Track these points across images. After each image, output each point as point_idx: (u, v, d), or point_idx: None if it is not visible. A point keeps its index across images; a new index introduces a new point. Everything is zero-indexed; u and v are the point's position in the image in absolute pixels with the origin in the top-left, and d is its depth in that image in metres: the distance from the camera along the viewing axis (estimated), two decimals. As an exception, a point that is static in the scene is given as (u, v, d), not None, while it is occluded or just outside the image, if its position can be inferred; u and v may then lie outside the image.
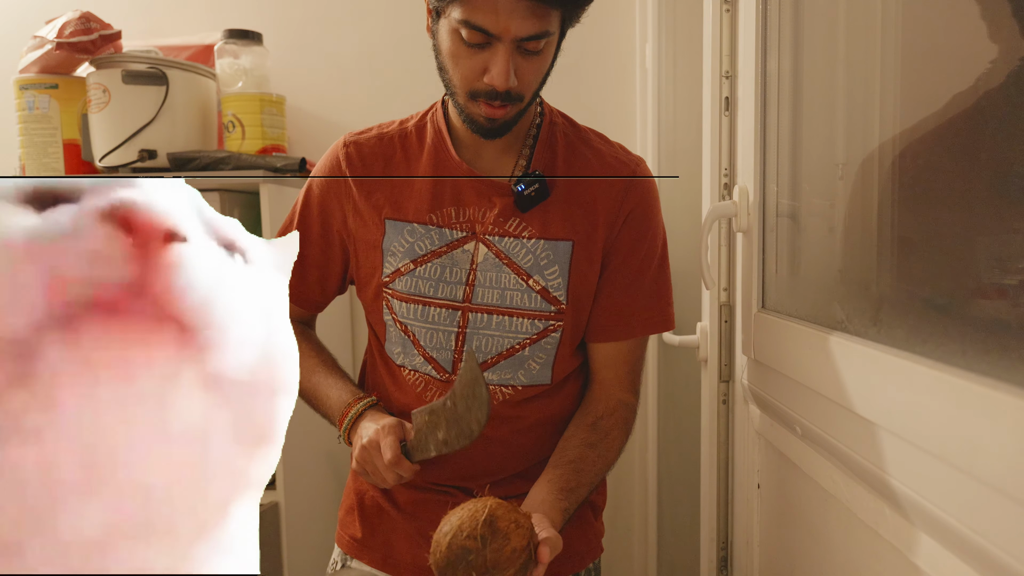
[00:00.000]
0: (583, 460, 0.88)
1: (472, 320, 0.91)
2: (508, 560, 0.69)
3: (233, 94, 1.57)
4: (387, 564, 0.98)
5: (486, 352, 0.91)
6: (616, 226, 0.93)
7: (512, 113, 0.85)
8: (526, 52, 0.80)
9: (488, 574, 0.69)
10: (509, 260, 0.90)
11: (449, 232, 0.91)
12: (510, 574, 0.70)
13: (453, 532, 0.70)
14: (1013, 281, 0.52)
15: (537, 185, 0.88)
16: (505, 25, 0.77)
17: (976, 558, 0.50)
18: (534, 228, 0.90)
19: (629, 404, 0.96)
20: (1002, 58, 0.55)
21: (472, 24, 0.77)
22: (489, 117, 0.84)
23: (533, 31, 0.78)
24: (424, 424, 0.83)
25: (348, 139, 0.97)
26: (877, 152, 0.74)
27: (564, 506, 0.82)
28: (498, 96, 0.81)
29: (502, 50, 0.78)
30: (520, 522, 0.71)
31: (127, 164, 1.46)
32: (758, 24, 0.93)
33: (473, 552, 0.69)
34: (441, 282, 0.91)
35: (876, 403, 0.62)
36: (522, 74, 0.81)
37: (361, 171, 0.94)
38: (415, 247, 0.91)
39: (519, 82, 0.81)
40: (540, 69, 0.84)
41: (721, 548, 1.15)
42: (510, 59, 0.79)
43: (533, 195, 0.89)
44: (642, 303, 0.95)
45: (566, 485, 0.85)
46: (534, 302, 0.90)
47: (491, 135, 0.87)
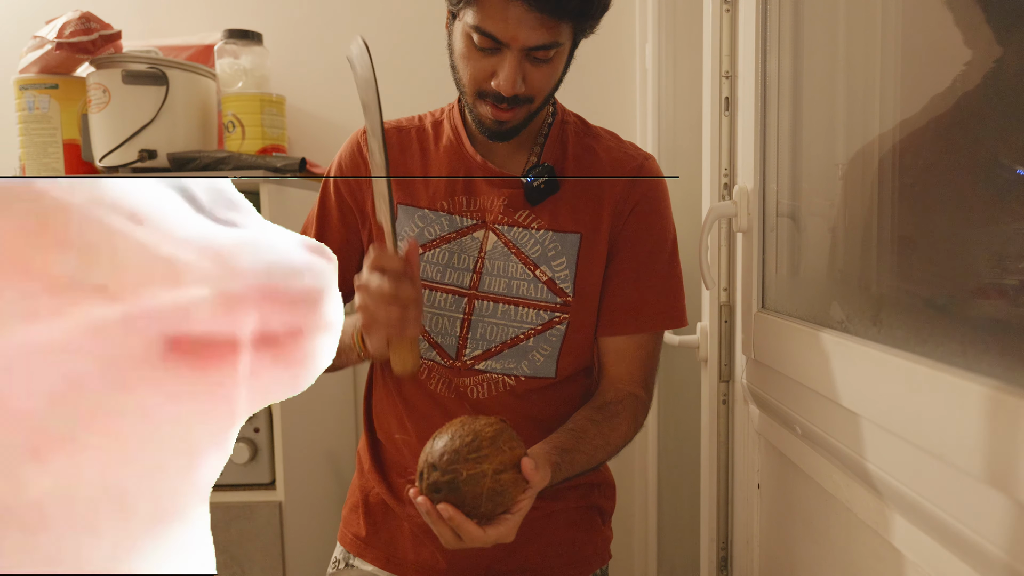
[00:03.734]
0: (584, 431, 0.87)
1: (478, 308, 0.91)
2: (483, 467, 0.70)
3: (233, 94, 1.57)
4: (391, 563, 0.98)
5: (491, 340, 0.91)
6: (623, 217, 0.93)
7: (521, 116, 0.86)
8: (535, 60, 0.81)
9: (462, 466, 0.70)
10: (517, 250, 0.91)
11: (459, 219, 0.92)
12: (483, 492, 0.70)
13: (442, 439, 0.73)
14: (1013, 281, 0.52)
15: (546, 177, 0.90)
16: (514, 34, 0.78)
17: (976, 558, 0.50)
18: (543, 220, 0.91)
19: (639, 397, 0.95)
20: (1004, 56, 0.55)
21: (483, 30, 0.79)
22: (496, 119, 0.85)
23: (541, 41, 0.79)
24: (376, 195, 0.84)
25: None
26: (877, 152, 0.74)
27: (555, 460, 0.81)
28: (504, 100, 0.83)
29: (510, 57, 0.80)
30: (514, 453, 0.73)
31: (127, 164, 1.47)
32: (758, 24, 0.93)
33: (448, 454, 0.71)
34: (448, 268, 0.91)
35: (876, 403, 0.62)
36: (531, 81, 0.83)
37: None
38: (425, 232, 0.92)
39: (528, 87, 0.83)
40: (550, 76, 0.84)
41: (721, 548, 1.15)
42: (518, 66, 0.80)
43: (542, 187, 0.90)
44: (651, 296, 0.94)
45: (562, 445, 0.84)
46: (540, 292, 0.91)
47: (498, 137, 0.88)
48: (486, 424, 0.74)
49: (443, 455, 0.71)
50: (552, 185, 0.90)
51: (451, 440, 0.72)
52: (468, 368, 0.92)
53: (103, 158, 1.48)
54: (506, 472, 0.71)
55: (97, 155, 1.50)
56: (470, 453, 0.70)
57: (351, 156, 0.98)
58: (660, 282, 0.95)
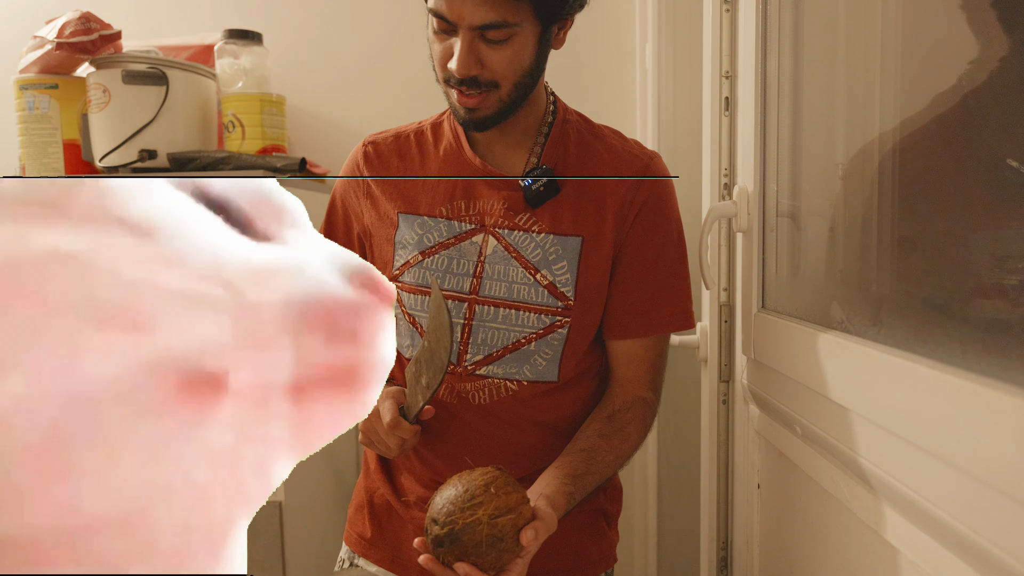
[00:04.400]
0: (595, 450, 0.87)
1: (479, 312, 0.90)
2: (483, 526, 0.71)
3: (233, 94, 1.57)
4: (395, 564, 0.98)
5: (492, 345, 0.91)
6: (628, 220, 0.92)
7: (491, 104, 0.85)
8: (490, 41, 0.82)
9: (463, 534, 0.72)
10: (517, 254, 0.90)
11: (458, 224, 0.92)
12: (483, 540, 0.71)
13: (449, 493, 0.75)
14: (1013, 281, 0.52)
15: (545, 180, 0.89)
16: (459, 12, 0.79)
17: (976, 558, 0.50)
18: (544, 223, 0.90)
19: (648, 401, 0.94)
20: (1005, 57, 0.55)
21: (435, 12, 0.81)
22: (464, 106, 0.86)
23: (488, 19, 0.79)
24: (411, 376, 0.85)
25: (368, 139, 1.00)
26: (877, 152, 0.74)
27: (569, 491, 0.81)
28: (463, 83, 0.83)
29: (461, 36, 0.81)
30: (509, 498, 0.74)
31: (127, 164, 1.47)
32: (758, 24, 0.93)
33: (456, 511, 0.73)
34: (448, 273, 0.91)
35: (876, 403, 0.62)
36: (489, 63, 0.83)
37: (378, 168, 0.97)
38: (424, 239, 0.92)
39: (488, 71, 0.83)
40: (511, 60, 0.83)
41: (721, 548, 1.15)
42: (469, 46, 0.81)
43: (542, 190, 0.89)
44: (660, 299, 0.94)
45: (574, 471, 0.84)
46: (541, 296, 0.90)
47: (472, 126, 0.88)
48: (480, 474, 0.76)
49: (442, 508, 0.74)
50: (552, 187, 0.89)
51: (448, 494, 0.75)
52: (469, 374, 0.91)
53: (103, 158, 1.48)
54: (502, 516, 0.72)
55: (97, 155, 1.50)
56: (465, 504, 0.73)
57: (348, 175, 1.01)
58: (668, 284, 0.94)
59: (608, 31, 1.78)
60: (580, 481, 0.83)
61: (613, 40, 1.78)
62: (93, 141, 1.51)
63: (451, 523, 0.72)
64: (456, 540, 0.72)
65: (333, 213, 1.02)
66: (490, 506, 0.72)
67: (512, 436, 0.93)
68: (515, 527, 0.72)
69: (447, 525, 0.72)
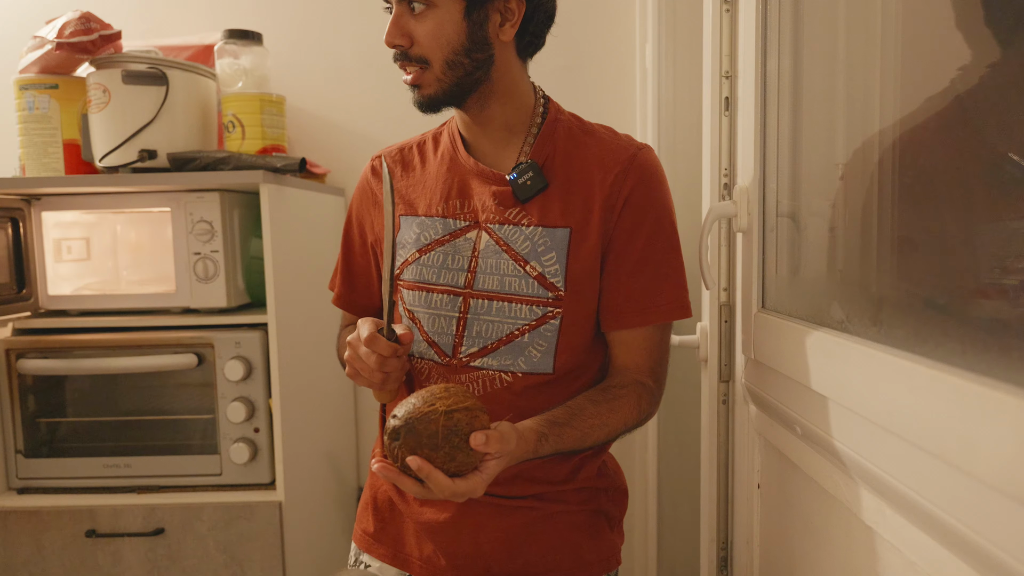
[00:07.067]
0: (581, 409, 0.88)
1: (473, 306, 0.92)
2: (433, 420, 0.73)
3: (233, 94, 1.58)
4: (397, 559, 0.99)
5: (487, 338, 0.92)
6: (615, 209, 0.92)
7: (430, 82, 0.89)
8: (412, 12, 0.87)
9: (420, 424, 0.74)
10: (508, 247, 0.92)
11: (453, 222, 0.94)
12: (438, 430, 0.73)
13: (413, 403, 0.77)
14: (1013, 281, 0.52)
15: (531, 173, 0.91)
16: None
17: (975, 557, 0.50)
18: (533, 216, 0.92)
19: (646, 386, 0.94)
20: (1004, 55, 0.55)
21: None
22: (407, 84, 0.91)
23: None
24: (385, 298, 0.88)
25: (377, 153, 1.06)
26: (877, 151, 0.74)
27: (542, 431, 0.81)
28: (397, 57, 0.89)
29: (394, 9, 0.88)
30: (468, 401, 0.76)
31: (127, 164, 1.47)
32: (758, 24, 0.93)
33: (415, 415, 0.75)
34: (444, 269, 0.93)
35: (876, 403, 0.62)
36: (416, 37, 0.87)
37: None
38: (421, 237, 0.95)
39: (416, 45, 0.88)
40: (434, 33, 0.87)
41: (721, 548, 1.15)
42: (396, 17, 0.87)
43: (528, 183, 0.91)
44: (653, 288, 0.93)
45: (553, 418, 0.84)
46: (531, 288, 0.91)
47: (419, 106, 0.92)
48: (443, 386, 0.79)
49: (402, 407, 0.77)
50: (538, 181, 0.91)
51: (410, 399, 0.78)
52: (464, 365, 0.93)
53: (103, 158, 1.48)
54: (459, 412, 0.74)
55: (97, 155, 1.50)
56: (424, 402, 0.76)
57: (360, 190, 1.06)
58: (662, 273, 0.94)
59: (608, 31, 1.78)
60: (557, 429, 0.83)
61: (613, 40, 1.78)
62: (93, 141, 1.51)
63: (408, 415, 0.75)
64: (412, 430, 0.73)
65: (349, 228, 1.07)
66: (447, 402, 0.75)
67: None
68: (470, 427, 0.74)
69: (404, 417, 0.75)
